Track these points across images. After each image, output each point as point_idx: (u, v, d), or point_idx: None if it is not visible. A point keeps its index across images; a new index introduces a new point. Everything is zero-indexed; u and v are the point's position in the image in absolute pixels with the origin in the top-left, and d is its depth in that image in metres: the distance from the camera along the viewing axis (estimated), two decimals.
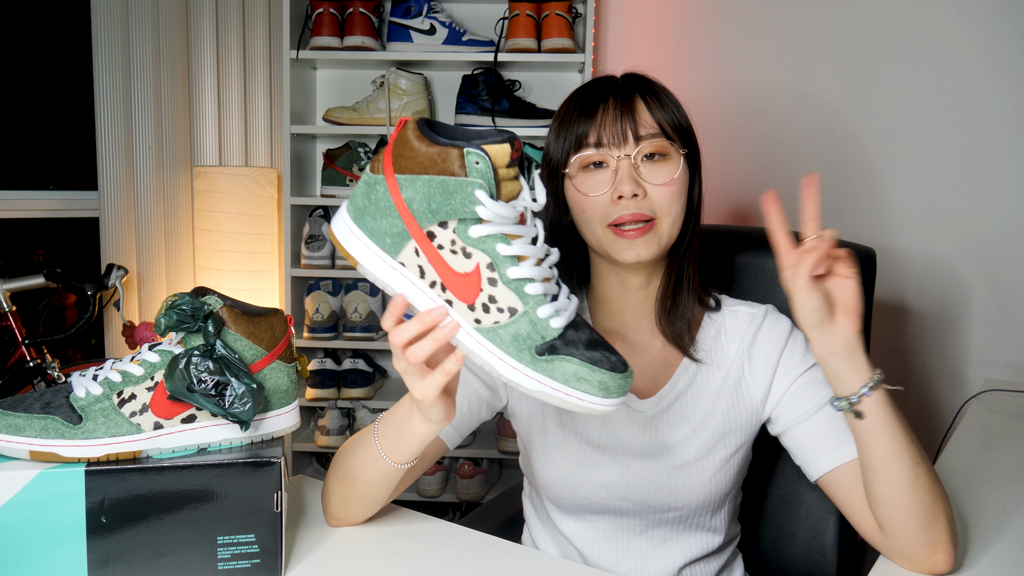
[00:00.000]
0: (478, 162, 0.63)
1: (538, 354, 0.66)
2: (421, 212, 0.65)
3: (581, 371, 0.66)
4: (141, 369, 0.78)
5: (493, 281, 0.66)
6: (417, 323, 0.68)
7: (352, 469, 0.87)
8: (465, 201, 0.64)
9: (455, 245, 0.66)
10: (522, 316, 0.66)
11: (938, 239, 1.81)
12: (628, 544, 1.00)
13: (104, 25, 2.23)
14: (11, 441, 0.75)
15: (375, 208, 0.67)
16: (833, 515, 1.18)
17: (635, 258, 0.92)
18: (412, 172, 0.65)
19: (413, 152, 0.65)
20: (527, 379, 0.66)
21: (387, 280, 0.69)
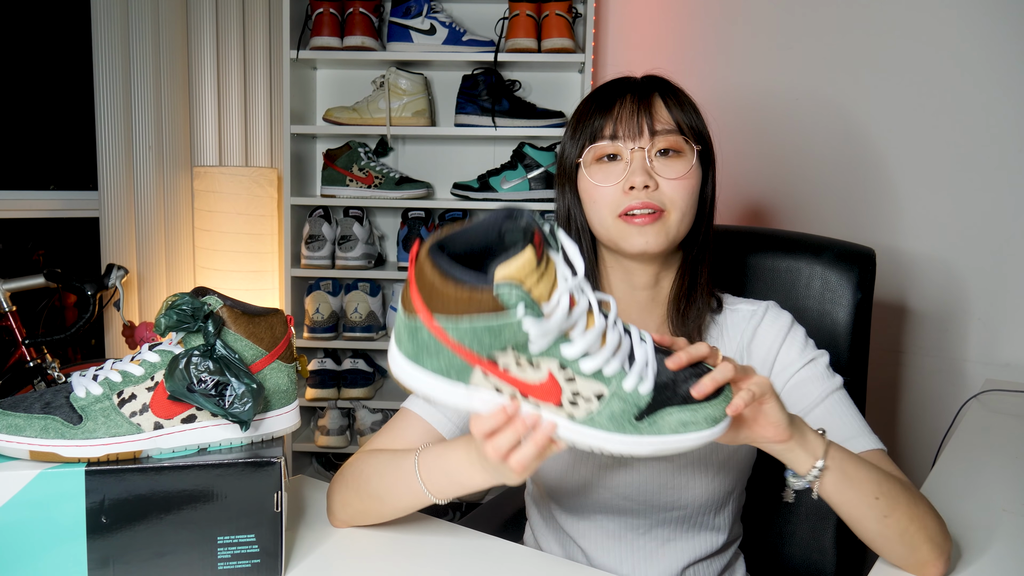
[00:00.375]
0: (511, 295, 0.61)
1: (639, 420, 0.66)
2: (475, 348, 0.64)
3: (684, 416, 0.66)
4: (141, 369, 0.78)
5: (571, 379, 0.65)
6: (491, 422, 0.67)
7: (381, 493, 0.86)
8: (515, 332, 0.62)
9: (520, 363, 0.65)
10: (611, 397, 0.66)
11: (938, 239, 1.81)
12: (632, 544, 1.01)
13: (104, 25, 2.23)
14: (11, 441, 0.75)
15: (427, 350, 0.65)
16: (833, 515, 1.18)
17: (643, 246, 0.92)
18: (450, 313, 0.62)
19: (442, 295, 0.62)
20: (639, 447, 0.66)
21: (471, 406, 0.67)
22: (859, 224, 1.90)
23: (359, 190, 2.21)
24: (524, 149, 2.17)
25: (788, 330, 0.98)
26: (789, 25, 1.98)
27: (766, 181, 2.03)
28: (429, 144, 2.41)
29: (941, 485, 1.06)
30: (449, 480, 0.81)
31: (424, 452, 0.84)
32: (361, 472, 0.89)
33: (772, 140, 2.02)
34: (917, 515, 0.79)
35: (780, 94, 2.00)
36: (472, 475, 0.78)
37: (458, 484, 0.80)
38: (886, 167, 1.87)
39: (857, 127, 1.90)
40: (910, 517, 0.79)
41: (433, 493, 0.82)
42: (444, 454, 0.81)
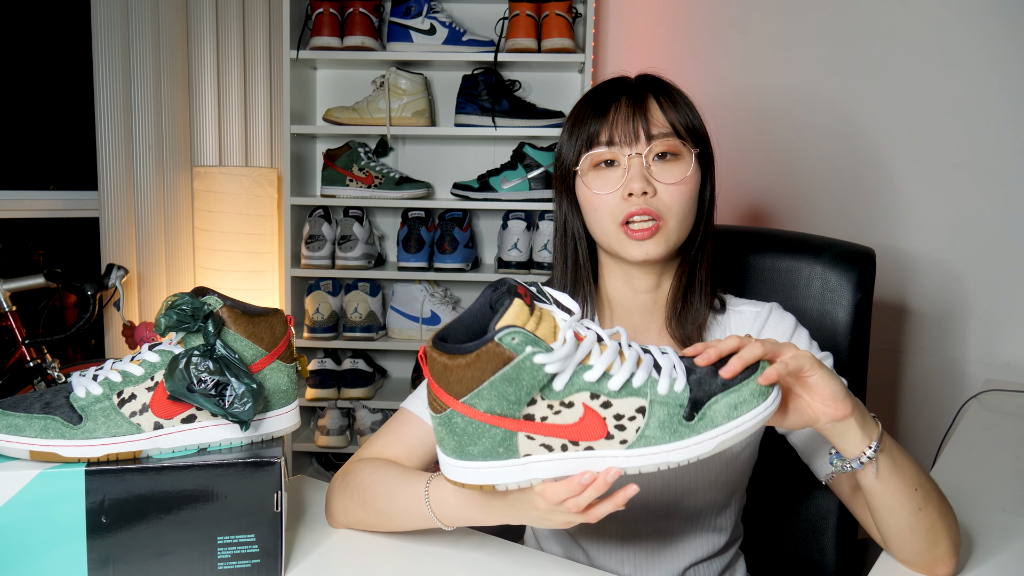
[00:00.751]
0: (514, 338, 0.63)
1: (688, 420, 0.66)
2: (506, 410, 0.65)
3: (730, 399, 0.66)
4: (141, 369, 0.78)
5: (607, 404, 0.66)
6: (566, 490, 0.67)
7: (388, 511, 0.86)
8: (533, 374, 0.64)
9: (554, 408, 0.66)
10: (652, 407, 0.66)
11: (938, 239, 1.81)
12: (633, 544, 1.00)
13: (104, 25, 2.23)
14: (11, 441, 0.75)
15: (467, 437, 0.66)
16: (833, 515, 1.18)
17: (643, 256, 0.92)
18: (471, 389, 0.64)
19: (456, 373, 0.64)
20: (701, 447, 0.67)
21: (529, 477, 0.68)
22: (859, 224, 1.90)
23: (359, 190, 2.21)
24: (524, 149, 2.17)
25: (792, 332, 0.98)
26: (789, 25, 1.98)
27: (766, 181, 2.03)
28: (429, 144, 2.41)
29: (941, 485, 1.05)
30: (463, 516, 0.80)
31: (436, 483, 0.82)
32: (368, 486, 0.88)
33: (772, 140, 2.02)
34: (945, 511, 0.80)
35: (780, 94, 2.00)
36: (490, 515, 0.78)
37: (472, 519, 0.80)
38: (886, 167, 1.87)
39: (857, 127, 1.90)
40: (939, 511, 0.79)
41: (443, 520, 0.82)
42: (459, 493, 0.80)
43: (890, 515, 0.79)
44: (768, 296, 1.21)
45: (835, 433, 0.75)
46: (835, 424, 0.74)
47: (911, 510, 0.78)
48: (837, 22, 1.91)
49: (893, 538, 0.81)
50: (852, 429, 0.74)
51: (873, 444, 0.75)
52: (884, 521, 0.80)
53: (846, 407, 0.73)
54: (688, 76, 1.04)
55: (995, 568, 0.85)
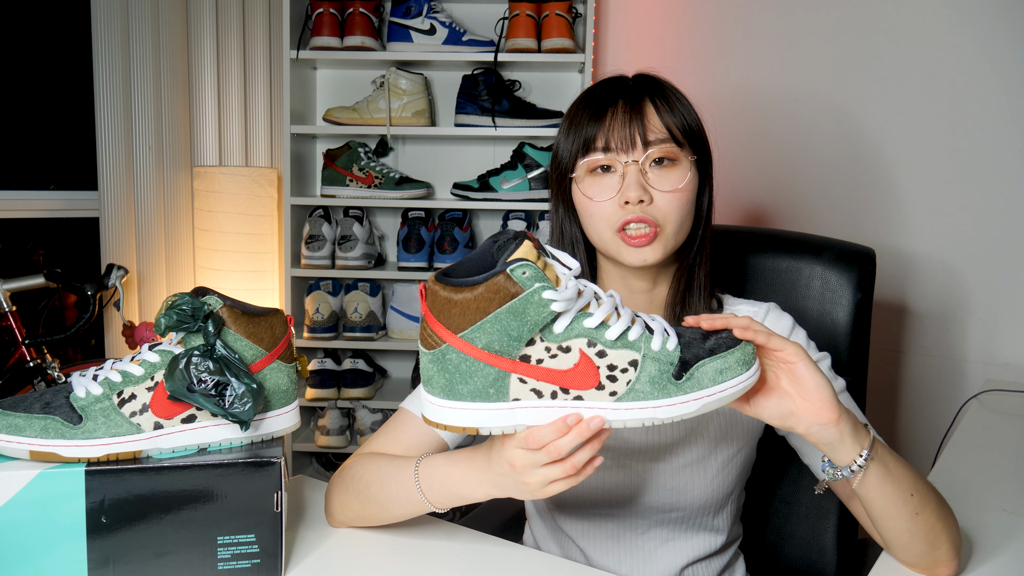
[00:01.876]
0: (525, 271, 0.64)
1: (677, 379, 0.67)
2: (505, 347, 0.65)
3: (717, 364, 0.68)
4: (141, 369, 0.78)
5: (602, 353, 0.67)
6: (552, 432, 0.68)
7: (381, 499, 0.86)
8: (539, 309, 0.64)
9: (551, 351, 0.66)
10: (644, 361, 0.67)
11: (938, 239, 1.81)
12: (631, 544, 1.00)
13: (104, 25, 2.23)
14: (11, 441, 0.75)
15: (459, 375, 0.66)
16: (833, 515, 1.18)
17: (641, 261, 0.92)
18: (474, 322, 0.64)
19: (459, 307, 0.64)
20: (686, 406, 0.68)
21: (515, 423, 0.68)
22: (859, 224, 1.90)
23: (359, 190, 2.21)
24: (524, 149, 2.17)
25: (790, 332, 0.98)
26: (789, 26, 1.98)
27: (766, 181, 2.03)
28: (429, 144, 2.41)
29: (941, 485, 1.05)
30: (449, 492, 0.81)
31: (424, 463, 0.83)
32: (361, 477, 0.88)
33: (772, 140, 2.02)
34: (944, 513, 0.80)
35: (780, 94, 2.00)
36: (474, 489, 0.78)
37: (458, 496, 0.80)
38: (886, 167, 1.87)
39: (857, 127, 1.90)
40: (938, 515, 0.79)
41: (432, 502, 0.82)
42: (445, 467, 0.81)
43: (887, 520, 0.79)
44: (768, 296, 1.21)
45: (824, 441, 0.75)
46: (823, 429, 0.73)
47: (907, 515, 0.78)
48: (837, 22, 1.91)
49: (892, 541, 0.81)
50: (842, 436, 0.74)
51: (864, 453, 0.75)
52: (881, 525, 0.80)
53: (833, 411, 0.73)
54: (688, 76, 1.04)
55: (995, 568, 0.85)
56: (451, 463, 0.81)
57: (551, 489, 0.71)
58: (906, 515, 0.78)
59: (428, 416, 0.70)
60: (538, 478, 0.71)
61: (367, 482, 0.87)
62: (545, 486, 0.71)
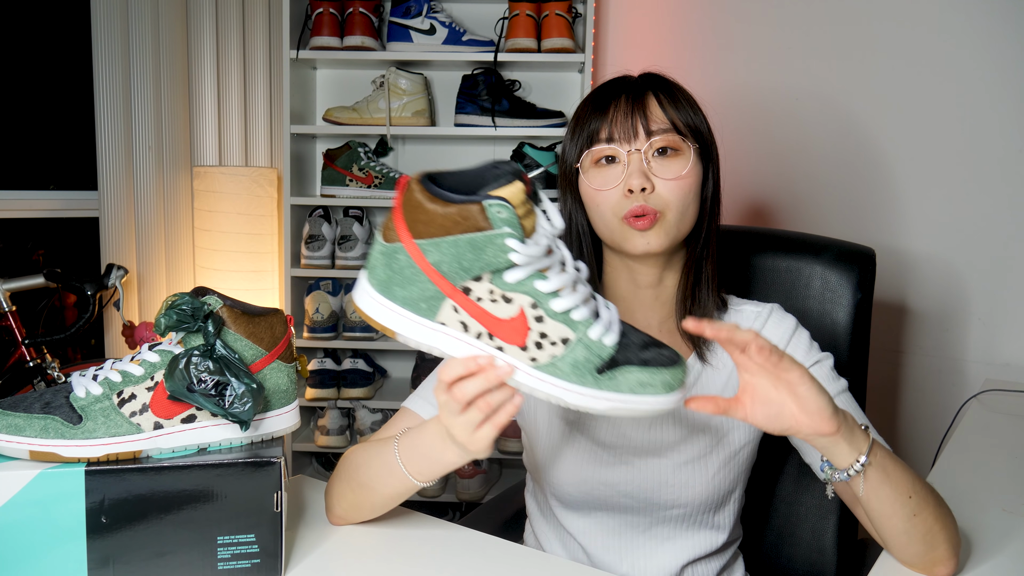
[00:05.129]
0: (501, 212, 0.62)
1: (599, 373, 0.67)
2: (452, 272, 0.64)
3: (643, 377, 0.67)
4: (141, 369, 0.78)
5: (540, 318, 0.66)
6: (462, 367, 0.68)
7: (368, 481, 0.87)
8: (497, 252, 0.63)
9: (494, 295, 0.65)
10: (576, 343, 0.66)
11: (938, 239, 1.81)
12: (632, 541, 1.01)
13: (104, 25, 2.23)
14: (11, 441, 0.75)
15: (400, 277, 0.66)
16: (833, 515, 1.18)
17: (645, 247, 0.92)
18: (433, 236, 0.63)
19: (428, 215, 0.63)
20: (596, 401, 0.67)
21: (432, 343, 0.68)
22: (859, 224, 1.90)
23: (359, 190, 2.21)
24: (524, 149, 2.17)
25: (793, 332, 0.99)
26: (789, 25, 1.98)
27: (767, 181, 2.03)
28: (429, 144, 2.41)
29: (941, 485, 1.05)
30: (425, 458, 0.81)
31: (403, 435, 0.85)
32: (352, 463, 0.90)
33: (772, 140, 2.02)
34: (942, 514, 0.80)
35: (780, 94, 2.00)
36: (445, 451, 0.79)
37: (433, 461, 0.81)
38: (886, 167, 1.87)
39: (857, 127, 1.90)
40: (935, 516, 0.80)
41: (413, 475, 0.83)
42: (420, 432, 0.82)
43: (885, 520, 0.80)
44: (768, 296, 1.21)
45: (821, 446, 0.76)
46: (820, 438, 0.75)
47: (905, 516, 0.78)
48: (838, 22, 1.91)
49: (890, 541, 0.82)
50: (839, 444, 0.75)
51: (861, 459, 0.76)
52: (879, 525, 0.81)
53: (832, 424, 0.73)
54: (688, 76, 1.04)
55: (995, 568, 0.85)
56: (424, 427, 0.82)
57: (481, 436, 0.71)
58: (903, 516, 0.78)
59: (356, 301, 0.69)
60: (459, 424, 0.71)
61: (356, 466, 0.89)
62: (472, 433, 0.71)
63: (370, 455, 0.88)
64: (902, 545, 0.81)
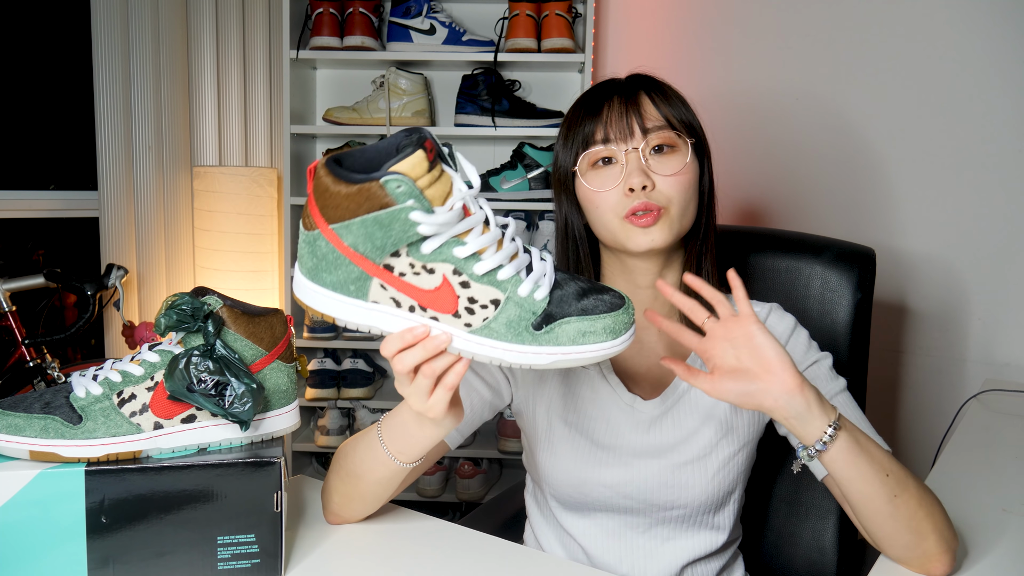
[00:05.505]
0: (399, 186, 0.61)
1: (536, 329, 0.66)
2: (369, 252, 0.64)
3: (582, 326, 0.66)
4: (141, 369, 0.78)
5: (465, 284, 0.66)
6: (399, 340, 0.68)
7: (356, 468, 0.88)
8: (405, 227, 0.63)
9: (415, 267, 0.65)
10: (507, 303, 0.66)
11: (938, 239, 1.81)
12: (632, 542, 1.01)
13: (104, 25, 2.23)
14: (11, 441, 0.75)
15: (325, 263, 0.66)
16: (833, 515, 1.18)
17: (649, 244, 0.92)
18: (343, 219, 0.63)
19: (335, 199, 0.63)
20: (537, 357, 0.67)
21: (369, 323, 0.68)
22: (859, 224, 1.90)
23: None
24: (524, 149, 2.17)
25: (792, 332, 0.99)
26: (788, 25, 1.98)
27: (766, 181, 2.03)
28: None
29: (941, 485, 1.06)
30: (404, 436, 0.82)
31: (385, 417, 0.86)
32: (342, 454, 0.91)
33: (772, 140, 2.02)
34: (926, 501, 0.80)
35: (780, 93, 2.00)
36: (423, 426, 0.79)
37: (410, 437, 0.81)
38: (886, 167, 1.87)
39: (857, 127, 1.90)
40: (919, 501, 0.79)
41: (395, 454, 0.83)
42: (397, 411, 0.83)
43: (867, 502, 0.79)
44: (768, 296, 1.21)
45: (793, 414, 0.77)
46: (791, 399, 0.76)
47: (885, 497, 0.78)
48: (837, 22, 1.91)
49: (876, 531, 0.81)
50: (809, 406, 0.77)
51: (831, 423, 0.77)
52: (862, 512, 0.81)
53: (795, 376, 0.76)
54: (688, 76, 1.04)
55: (995, 568, 0.85)
56: (401, 405, 0.82)
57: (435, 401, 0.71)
58: (884, 497, 0.78)
59: (297, 293, 0.69)
60: (412, 394, 0.71)
61: (345, 455, 0.90)
62: (426, 400, 0.71)
63: (356, 443, 0.89)
64: (888, 534, 0.80)
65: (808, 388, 0.77)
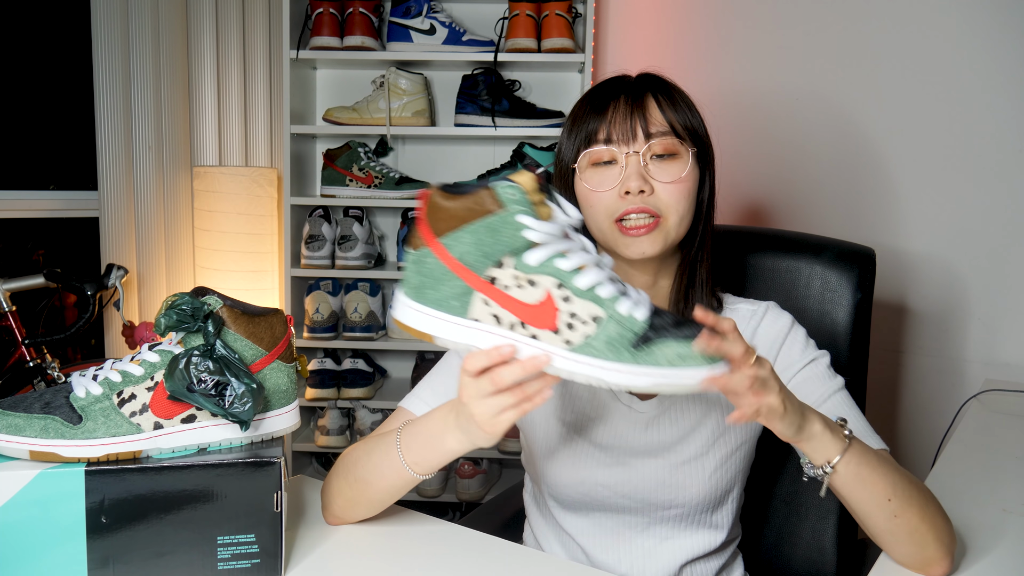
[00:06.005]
0: (511, 192, 0.65)
1: (635, 348, 0.66)
2: (475, 262, 0.66)
3: (681, 349, 0.66)
4: (141, 369, 0.78)
5: (567, 298, 0.67)
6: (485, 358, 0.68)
7: (367, 475, 0.87)
8: (513, 232, 0.65)
9: (519, 280, 0.67)
10: (608, 320, 0.67)
11: (938, 239, 1.81)
12: (631, 541, 1.01)
13: (104, 25, 2.23)
14: (11, 441, 0.75)
15: (431, 279, 0.68)
16: (833, 515, 1.18)
17: (639, 254, 0.92)
18: (452, 228, 0.66)
19: (446, 212, 0.66)
20: (637, 377, 0.66)
21: (469, 341, 0.69)
22: (859, 224, 1.90)
23: (359, 190, 2.21)
24: (524, 149, 2.17)
25: (789, 330, 0.98)
26: (789, 25, 1.98)
27: (766, 181, 2.03)
28: (429, 144, 2.41)
29: (941, 485, 1.06)
30: (426, 446, 0.82)
31: (406, 425, 0.85)
32: (351, 458, 0.90)
33: (772, 140, 2.02)
34: (928, 515, 0.80)
35: (780, 94, 2.00)
36: (448, 439, 0.79)
37: (433, 448, 0.81)
38: (886, 167, 1.87)
39: (857, 127, 1.90)
40: (921, 517, 0.80)
41: (410, 464, 0.83)
42: (424, 419, 0.83)
43: (866, 519, 0.81)
44: (768, 296, 1.21)
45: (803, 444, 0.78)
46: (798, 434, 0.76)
47: (885, 517, 0.79)
48: (838, 22, 1.91)
49: (877, 538, 0.83)
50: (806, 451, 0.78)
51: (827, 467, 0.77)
52: (863, 524, 0.83)
53: (793, 441, 0.76)
54: (688, 76, 1.04)
55: (994, 568, 0.85)
56: (429, 415, 0.83)
57: (503, 419, 0.71)
58: (884, 518, 0.80)
59: (395, 315, 0.71)
60: (484, 407, 0.71)
61: (355, 460, 0.89)
62: (496, 416, 0.71)
63: (369, 448, 0.88)
64: (889, 544, 0.82)
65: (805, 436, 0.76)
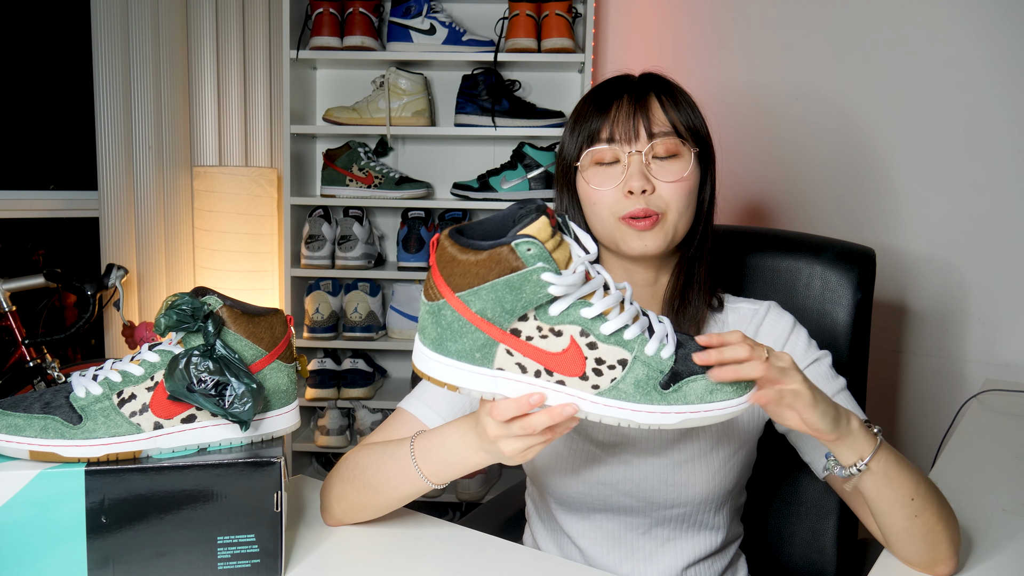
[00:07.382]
0: (530, 248, 0.64)
1: (664, 388, 0.67)
2: (498, 317, 0.65)
3: (710, 384, 0.67)
4: (141, 369, 0.78)
5: (592, 345, 0.66)
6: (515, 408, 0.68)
7: (377, 483, 0.87)
8: (535, 289, 0.64)
9: (542, 331, 0.66)
10: (634, 363, 0.67)
11: (938, 239, 1.81)
12: (631, 544, 1.00)
13: (104, 25, 2.23)
14: (11, 441, 0.75)
15: (451, 332, 0.67)
16: (833, 515, 1.18)
17: (642, 249, 0.92)
18: (472, 286, 0.65)
19: (462, 266, 0.65)
20: (667, 416, 0.67)
21: (496, 390, 0.68)
22: (859, 224, 1.90)
23: (359, 190, 2.21)
24: (524, 149, 2.17)
25: (790, 331, 0.98)
26: (789, 25, 1.98)
27: (766, 181, 2.03)
28: (429, 144, 2.41)
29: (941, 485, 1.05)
30: (444, 460, 0.81)
31: (420, 437, 0.84)
32: (358, 464, 0.89)
33: (772, 140, 2.02)
34: (944, 515, 0.81)
35: (780, 94, 2.00)
36: (468, 455, 0.79)
37: (453, 465, 0.81)
38: (886, 167, 1.87)
39: (857, 127, 1.90)
40: (938, 517, 0.80)
41: (428, 477, 0.83)
42: (440, 436, 0.82)
43: (885, 518, 0.81)
44: (768, 296, 1.21)
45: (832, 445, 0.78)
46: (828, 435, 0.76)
47: (906, 516, 0.79)
48: (838, 22, 1.91)
49: (890, 539, 0.82)
50: (839, 449, 0.77)
51: (859, 464, 0.77)
52: (880, 523, 0.82)
53: (831, 438, 0.75)
54: (687, 76, 1.04)
55: (995, 568, 0.85)
56: (446, 430, 0.82)
57: (529, 454, 0.73)
58: (904, 517, 0.79)
59: (416, 364, 0.70)
60: (512, 447, 0.72)
61: (363, 467, 0.88)
62: (524, 452, 0.73)
63: (380, 456, 0.87)
64: (903, 544, 0.81)
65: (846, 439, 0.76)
